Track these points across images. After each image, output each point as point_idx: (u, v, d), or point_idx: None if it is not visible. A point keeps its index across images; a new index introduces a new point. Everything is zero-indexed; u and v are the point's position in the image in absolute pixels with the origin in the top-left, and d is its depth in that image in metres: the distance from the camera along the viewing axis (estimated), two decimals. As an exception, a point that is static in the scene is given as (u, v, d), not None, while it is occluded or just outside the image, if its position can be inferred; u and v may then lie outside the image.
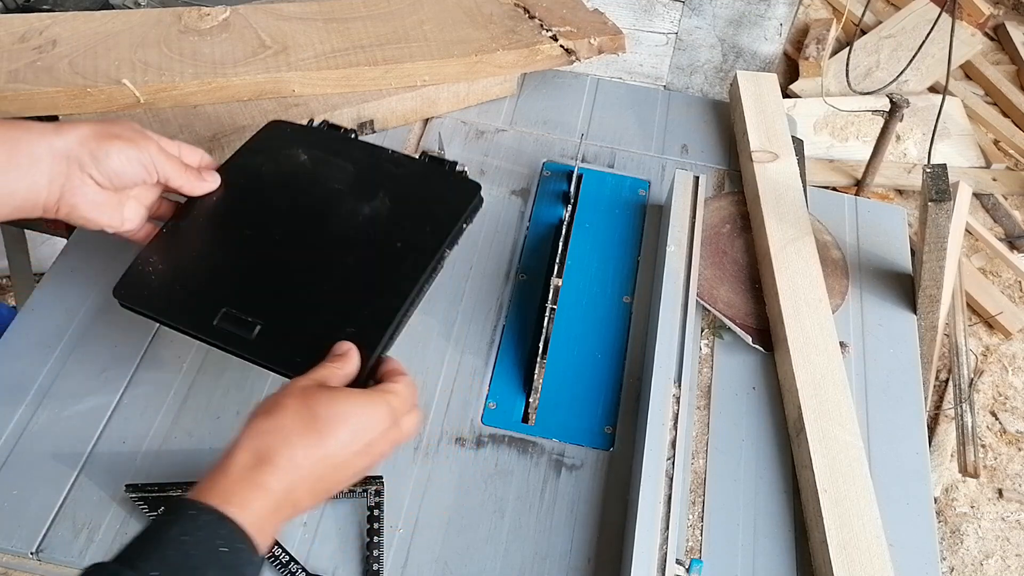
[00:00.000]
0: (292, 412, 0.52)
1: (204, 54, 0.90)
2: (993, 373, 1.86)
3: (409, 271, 0.66)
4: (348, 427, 0.53)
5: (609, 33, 0.99)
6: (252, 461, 0.50)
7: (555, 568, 0.67)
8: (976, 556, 1.60)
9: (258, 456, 0.51)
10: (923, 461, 0.74)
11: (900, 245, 0.91)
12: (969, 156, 2.24)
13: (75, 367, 0.74)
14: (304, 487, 0.52)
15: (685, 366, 0.73)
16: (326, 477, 0.53)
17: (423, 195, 0.70)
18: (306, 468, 0.51)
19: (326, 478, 0.53)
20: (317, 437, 0.52)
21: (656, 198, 0.93)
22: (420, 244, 0.67)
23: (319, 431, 0.52)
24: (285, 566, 0.64)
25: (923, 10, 2.47)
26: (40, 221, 1.01)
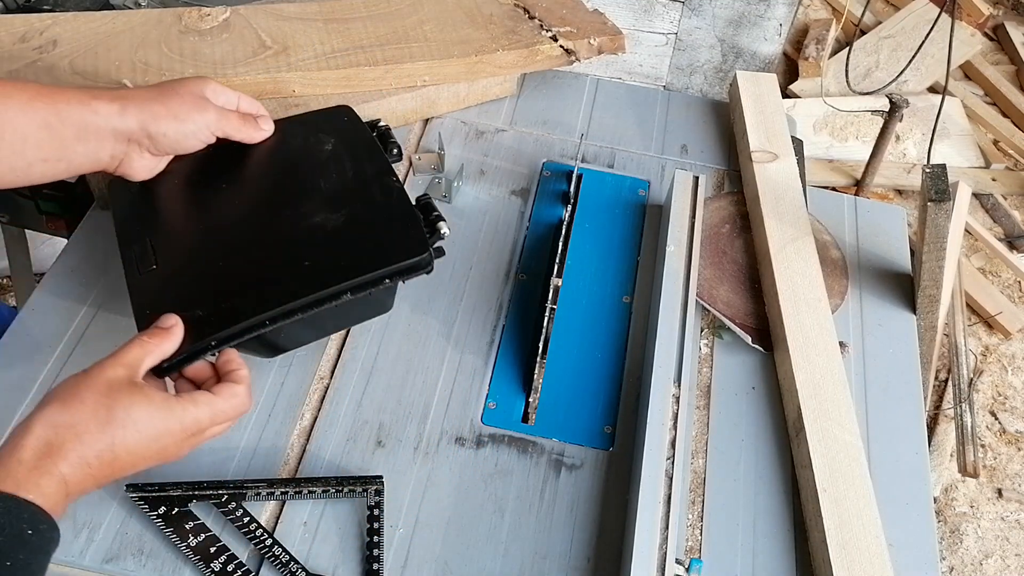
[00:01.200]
0: (89, 409, 0.53)
1: (204, 54, 0.90)
2: (992, 373, 1.86)
3: (292, 289, 0.63)
4: (142, 436, 0.54)
5: (609, 33, 0.99)
6: (44, 450, 0.51)
7: (555, 568, 0.67)
8: (976, 556, 1.60)
9: (48, 446, 0.51)
10: (923, 461, 0.74)
11: (900, 245, 0.91)
12: (969, 156, 2.25)
13: (75, 367, 0.74)
14: (92, 481, 0.53)
15: (685, 366, 0.73)
16: (115, 472, 0.54)
17: (379, 234, 0.67)
18: (95, 466, 0.52)
19: (115, 472, 0.54)
20: (109, 441, 0.53)
21: (656, 198, 0.93)
22: (326, 273, 0.64)
23: (112, 435, 0.53)
24: (285, 566, 0.64)
25: (922, 10, 2.47)
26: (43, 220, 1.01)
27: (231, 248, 0.68)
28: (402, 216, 0.68)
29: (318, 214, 0.68)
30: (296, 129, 0.76)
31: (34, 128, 0.61)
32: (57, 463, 0.51)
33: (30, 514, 0.48)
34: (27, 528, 0.48)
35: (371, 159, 0.72)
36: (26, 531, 0.48)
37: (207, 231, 0.69)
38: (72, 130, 0.63)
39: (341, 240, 0.66)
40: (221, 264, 0.66)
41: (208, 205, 0.71)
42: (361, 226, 0.67)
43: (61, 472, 0.51)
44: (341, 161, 0.72)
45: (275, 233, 0.68)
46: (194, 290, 0.65)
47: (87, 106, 0.63)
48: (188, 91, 0.68)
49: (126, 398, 0.54)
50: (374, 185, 0.70)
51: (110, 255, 0.82)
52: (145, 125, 0.65)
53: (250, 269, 0.66)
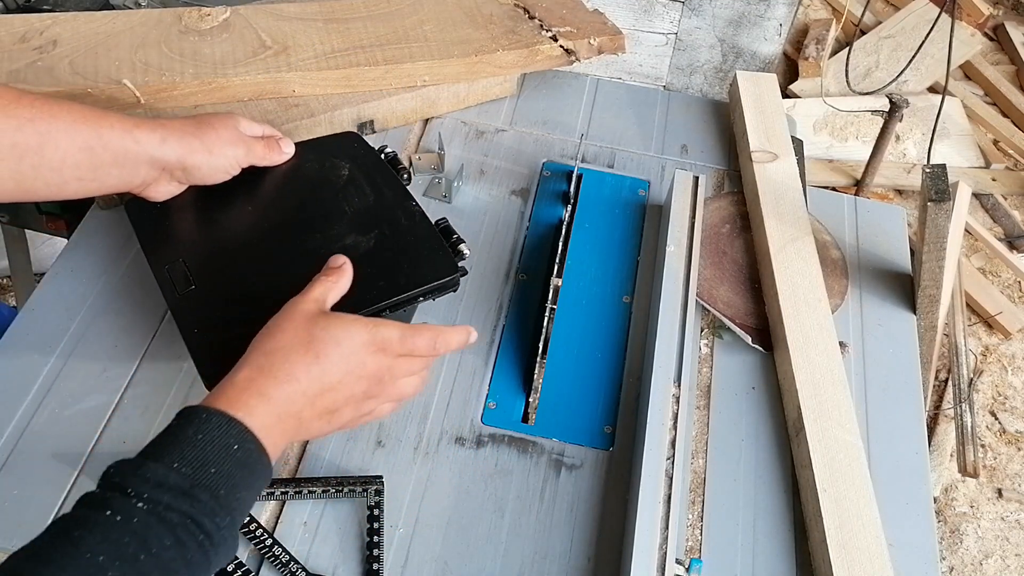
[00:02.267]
0: (291, 333, 0.57)
1: (204, 54, 0.90)
2: (992, 373, 1.86)
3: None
4: (340, 348, 0.57)
5: (609, 33, 0.99)
6: (254, 374, 0.55)
7: (555, 567, 0.67)
8: (976, 556, 1.60)
9: (259, 369, 0.55)
10: (923, 461, 0.74)
11: (900, 245, 0.91)
12: (968, 156, 2.25)
13: (75, 367, 0.74)
14: (303, 400, 0.56)
15: (685, 366, 0.73)
16: (324, 395, 0.57)
17: (407, 254, 0.71)
18: (303, 381, 0.56)
19: (324, 395, 0.57)
20: (313, 355, 0.56)
21: (656, 198, 0.93)
22: (365, 292, 0.67)
23: (315, 350, 0.57)
24: (285, 566, 0.64)
25: (922, 10, 2.48)
26: (43, 220, 1.01)
27: (269, 268, 0.71)
28: (427, 238, 0.72)
29: (348, 236, 0.72)
30: (310, 154, 0.79)
31: (75, 150, 0.64)
32: (266, 384, 0.55)
33: (237, 431, 0.52)
34: (234, 444, 0.51)
35: (388, 184, 0.77)
36: (232, 445, 0.51)
37: (241, 251, 0.72)
38: (111, 155, 0.66)
39: (375, 261, 0.70)
40: (261, 284, 0.69)
41: (237, 226, 0.74)
42: (391, 248, 0.71)
43: (270, 394, 0.54)
44: (360, 186, 0.76)
45: (311, 254, 0.71)
46: (237, 310, 0.67)
47: (129, 133, 0.66)
48: (223, 125, 0.72)
49: (323, 320, 0.58)
50: (396, 209, 0.74)
51: (110, 255, 0.82)
52: (182, 158, 0.69)
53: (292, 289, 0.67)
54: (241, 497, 0.52)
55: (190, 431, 0.51)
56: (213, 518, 0.49)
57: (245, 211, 0.74)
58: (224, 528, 0.50)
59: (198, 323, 0.67)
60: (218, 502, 0.49)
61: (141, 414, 0.72)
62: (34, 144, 0.62)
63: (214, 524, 0.49)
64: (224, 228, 0.74)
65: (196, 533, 0.48)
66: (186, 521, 0.48)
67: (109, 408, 0.72)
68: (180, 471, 0.49)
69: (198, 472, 0.49)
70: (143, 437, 0.71)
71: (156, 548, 0.46)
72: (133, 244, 0.81)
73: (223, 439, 0.51)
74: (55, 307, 0.78)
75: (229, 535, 0.50)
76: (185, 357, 0.75)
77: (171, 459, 0.49)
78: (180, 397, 0.73)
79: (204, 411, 0.52)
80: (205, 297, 0.68)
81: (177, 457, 0.49)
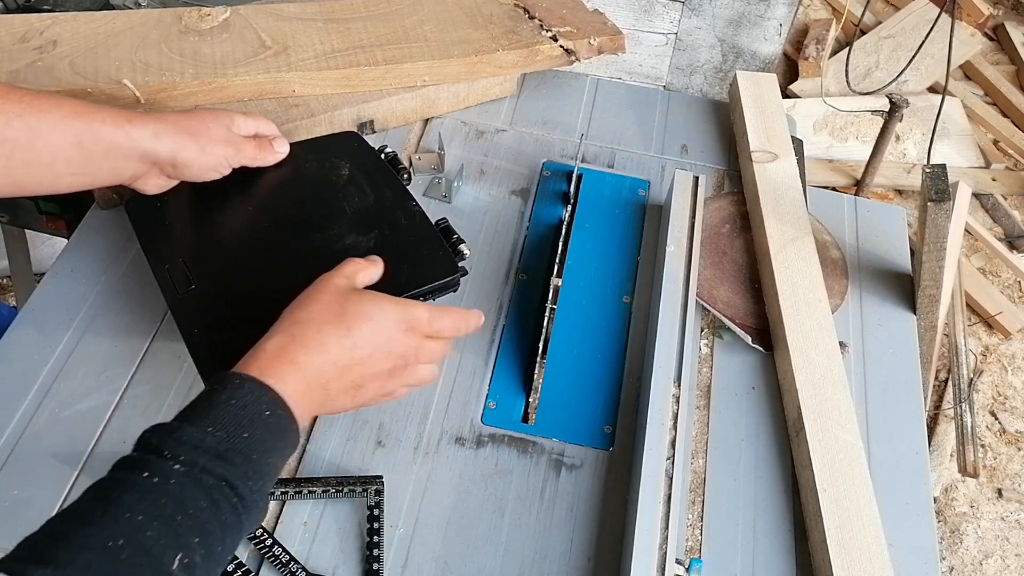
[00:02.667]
0: (324, 304, 0.58)
1: (204, 54, 0.90)
2: (992, 373, 1.86)
3: None
4: (372, 323, 0.58)
5: (609, 33, 0.99)
6: (286, 342, 0.56)
7: (555, 568, 0.67)
8: (976, 556, 1.60)
9: (291, 337, 0.56)
10: (923, 461, 0.74)
11: (900, 245, 0.91)
12: (969, 156, 2.25)
13: (75, 367, 0.74)
14: (332, 372, 0.57)
15: (685, 366, 0.73)
16: (353, 368, 0.58)
17: (407, 254, 0.71)
18: (333, 352, 0.57)
19: (353, 369, 0.58)
20: (345, 328, 0.57)
21: (656, 198, 0.93)
22: None
23: (347, 324, 0.57)
24: (285, 566, 0.64)
25: (922, 10, 2.48)
26: (43, 220, 1.01)
27: (270, 267, 0.71)
28: (428, 239, 0.73)
29: (349, 236, 0.72)
30: (310, 153, 0.79)
31: (66, 144, 0.64)
32: (297, 352, 0.56)
33: (269, 397, 0.53)
34: (266, 410, 0.52)
35: (388, 184, 0.77)
36: (264, 411, 0.52)
37: (241, 251, 0.72)
38: (103, 149, 0.66)
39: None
40: (261, 283, 0.69)
41: (237, 225, 0.74)
42: (392, 248, 0.71)
43: (301, 362, 0.55)
44: (360, 186, 0.76)
45: (311, 253, 0.71)
46: (237, 309, 0.68)
47: (121, 128, 0.66)
48: (216, 123, 0.71)
49: (355, 296, 0.60)
50: (396, 209, 0.74)
51: (110, 255, 0.82)
52: (173, 154, 0.69)
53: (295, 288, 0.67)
54: (271, 463, 0.53)
55: (224, 396, 0.52)
56: (246, 481, 0.50)
57: (245, 211, 0.74)
58: (256, 492, 0.51)
59: (198, 323, 0.67)
60: (251, 466, 0.50)
61: (141, 414, 0.72)
62: (24, 140, 0.62)
63: (247, 487, 0.50)
64: (224, 228, 0.74)
65: (230, 496, 0.49)
66: (220, 484, 0.49)
67: (109, 408, 0.72)
68: (215, 435, 0.50)
69: (232, 436, 0.50)
70: (143, 437, 0.71)
71: (192, 509, 0.47)
72: (133, 244, 0.81)
73: (256, 405, 0.52)
74: (55, 307, 0.78)
75: (261, 499, 0.51)
76: (185, 357, 0.75)
77: (206, 423, 0.50)
78: (180, 397, 0.73)
79: (237, 377, 0.53)
80: (205, 297, 0.68)
81: (211, 421, 0.50)
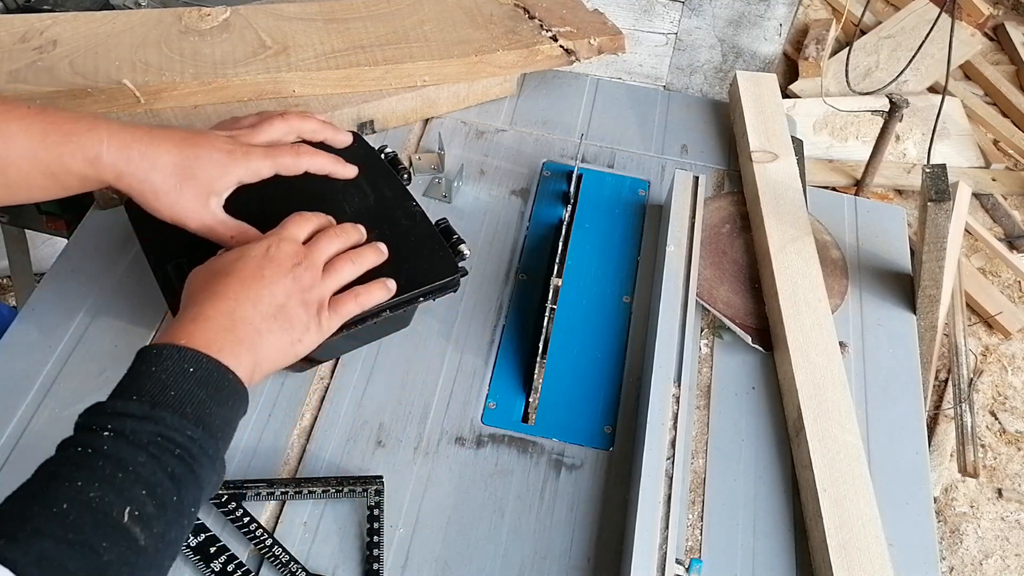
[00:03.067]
0: (199, 279, 0.61)
1: (204, 54, 0.90)
2: (992, 373, 1.86)
3: None
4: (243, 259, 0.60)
5: (609, 33, 0.99)
6: (182, 312, 0.58)
7: (555, 567, 0.67)
8: (975, 556, 1.60)
9: (184, 307, 0.59)
10: (923, 461, 0.74)
11: (900, 245, 0.91)
12: (969, 156, 2.25)
13: (75, 367, 0.74)
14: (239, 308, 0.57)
15: (685, 366, 0.73)
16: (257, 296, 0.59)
17: (407, 254, 0.71)
18: (226, 293, 0.58)
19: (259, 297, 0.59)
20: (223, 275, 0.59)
21: (656, 198, 0.93)
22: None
23: (223, 272, 0.60)
24: (285, 566, 0.64)
25: (922, 10, 2.48)
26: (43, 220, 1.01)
27: None
28: (428, 239, 0.72)
29: None
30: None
31: (37, 174, 0.63)
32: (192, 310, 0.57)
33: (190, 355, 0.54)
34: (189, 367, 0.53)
35: (388, 184, 0.76)
36: (188, 369, 0.53)
37: None
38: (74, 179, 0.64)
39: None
40: None
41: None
42: (392, 249, 0.70)
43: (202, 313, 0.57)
44: (360, 186, 0.76)
45: None
46: None
47: (90, 164, 0.63)
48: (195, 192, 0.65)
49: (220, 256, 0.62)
50: (397, 210, 0.74)
51: (110, 255, 0.82)
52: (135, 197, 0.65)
53: None
54: (212, 413, 0.53)
55: (143, 367, 0.53)
56: (184, 432, 0.50)
57: (245, 211, 0.74)
58: (200, 441, 0.51)
59: None
60: (185, 418, 0.51)
61: (141, 414, 0.72)
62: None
63: (186, 437, 0.50)
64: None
65: (171, 447, 0.50)
66: (156, 439, 0.49)
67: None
68: (139, 400, 0.51)
69: (157, 397, 0.51)
70: (143, 437, 0.71)
71: (132, 466, 0.48)
72: (133, 244, 0.81)
73: (176, 365, 0.53)
74: (55, 307, 0.78)
75: (211, 448, 0.52)
76: (185, 357, 0.75)
77: (129, 393, 0.52)
78: (180, 397, 0.73)
79: (154, 347, 0.54)
80: None
81: (135, 390, 0.52)
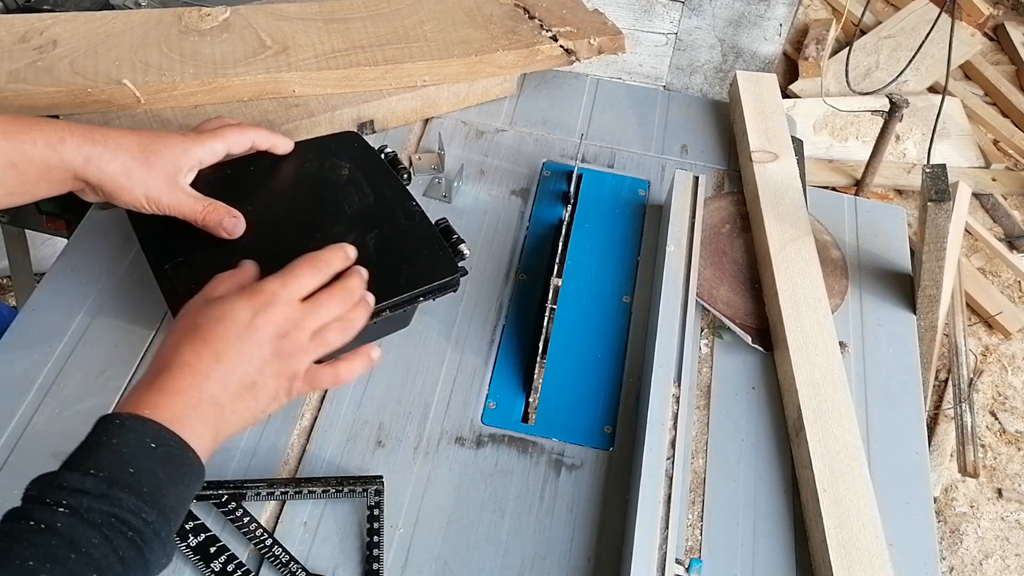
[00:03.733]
0: (179, 330, 0.57)
1: (204, 54, 0.90)
2: (992, 373, 1.86)
3: None
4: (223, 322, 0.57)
5: (609, 33, 0.99)
6: (151, 376, 0.55)
7: (555, 567, 0.67)
8: (975, 556, 1.60)
9: (155, 371, 0.55)
10: (923, 461, 0.74)
11: (900, 245, 0.91)
12: (969, 156, 2.25)
13: (75, 367, 0.74)
14: (209, 384, 0.55)
15: (685, 366, 0.73)
16: (230, 372, 0.56)
17: (407, 254, 0.71)
18: (197, 365, 0.55)
19: (231, 373, 0.56)
20: (200, 340, 0.56)
21: (656, 198, 0.93)
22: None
23: (201, 335, 0.56)
24: (285, 566, 0.64)
25: (922, 10, 2.48)
26: (43, 220, 1.01)
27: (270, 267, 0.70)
28: (428, 239, 0.72)
29: (348, 236, 0.71)
30: (310, 153, 0.79)
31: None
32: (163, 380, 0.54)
33: (152, 429, 0.51)
34: (151, 443, 0.51)
35: (388, 184, 0.76)
36: (149, 444, 0.51)
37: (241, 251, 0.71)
38: (36, 171, 0.63)
39: (376, 262, 0.69)
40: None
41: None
42: (392, 248, 0.71)
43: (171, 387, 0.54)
44: (360, 186, 0.76)
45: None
46: None
47: (54, 150, 0.63)
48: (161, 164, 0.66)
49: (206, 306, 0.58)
50: (396, 209, 0.74)
51: (110, 255, 0.82)
52: (102, 183, 0.65)
53: None
54: (168, 493, 0.51)
55: (104, 437, 0.51)
56: (139, 514, 0.48)
57: (245, 210, 0.74)
58: (153, 524, 0.49)
59: None
60: (142, 499, 0.49)
61: (141, 414, 0.72)
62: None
63: (140, 520, 0.48)
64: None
65: (124, 530, 0.48)
66: (110, 520, 0.47)
67: (109, 408, 0.72)
68: (97, 476, 0.48)
69: (116, 474, 0.49)
70: (143, 437, 0.71)
71: (85, 547, 0.46)
72: (133, 244, 0.81)
73: (138, 440, 0.51)
74: (55, 307, 0.78)
75: (163, 530, 0.50)
76: (185, 357, 0.75)
77: (87, 466, 0.49)
78: (180, 397, 0.73)
79: (117, 416, 0.52)
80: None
81: (93, 464, 0.49)
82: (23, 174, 0.63)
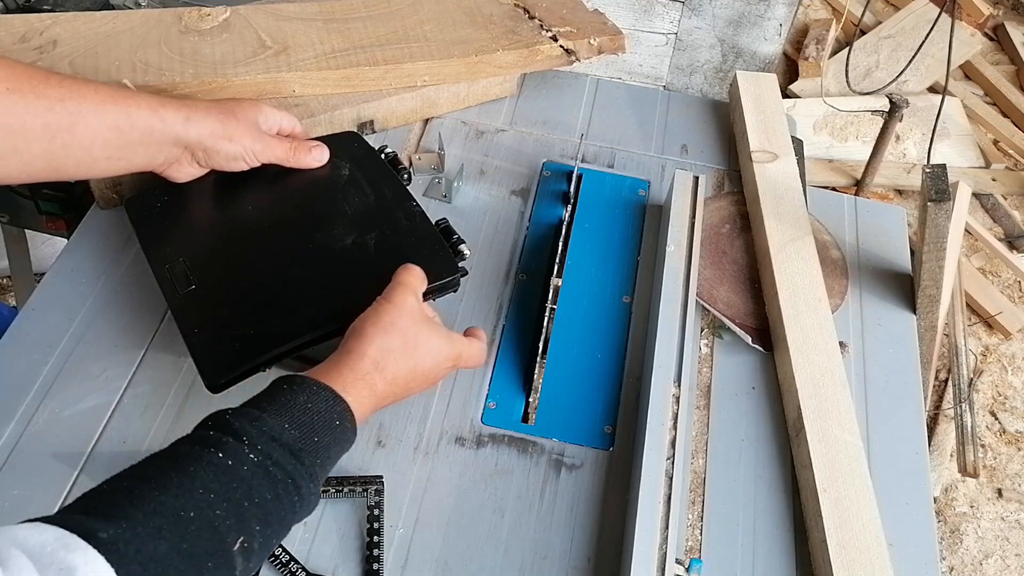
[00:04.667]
0: (403, 335, 0.63)
1: (204, 54, 0.90)
2: (992, 373, 1.86)
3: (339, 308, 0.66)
4: (433, 358, 0.65)
5: (609, 33, 0.99)
6: (371, 368, 0.61)
7: (555, 568, 0.67)
8: (975, 556, 1.60)
9: (375, 365, 0.61)
10: (923, 461, 0.74)
11: (900, 245, 0.91)
12: (969, 156, 2.25)
13: (75, 367, 0.74)
14: (393, 390, 0.63)
15: (685, 366, 0.73)
16: (407, 387, 0.64)
17: (407, 254, 0.71)
18: (400, 380, 0.63)
19: (407, 388, 0.64)
20: (414, 363, 0.63)
21: (656, 198, 0.93)
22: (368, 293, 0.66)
23: (416, 358, 0.63)
24: (285, 566, 0.64)
25: (922, 10, 2.48)
26: (43, 220, 1.01)
27: (271, 267, 0.71)
28: (428, 239, 0.73)
29: (349, 236, 0.72)
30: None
31: (104, 128, 0.66)
32: (377, 379, 0.61)
33: (341, 410, 0.57)
34: (337, 420, 0.56)
35: (388, 184, 0.77)
36: (335, 421, 0.56)
37: (241, 251, 0.72)
38: (138, 134, 0.68)
39: (377, 261, 0.70)
40: (261, 283, 0.69)
41: (237, 224, 0.74)
42: (393, 249, 0.71)
43: (377, 388, 0.61)
44: (360, 186, 0.76)
45: (313, 254, 0.71)
46: (239, 309, 0.68)
47: (155, 112, 0.68)
48: (244, 116, 0.74)
49: (426, 330, 0.65)
50: (396, 210, 0.75)
51: (110, 255, 0.82)
52: (203, 139, 0.71)
53: (295, 288, 0.68)
54: (327, 469, 0.56)
55: (302, 398, 0.55)
56: (308, 482, 0.53)
57: (245, 210, 0.74)
58: (313, 494, 0.54)
59: (199, 323, 0.67)
60: (316, 467, 0.54)
61: (141, 414, 0.72)
62: (65, 124, 0.64)
63: (308, 488, 0.53)
64: (224, 227, 0.74)
65: (292, 493, 0.52)
66: (287, 480, 0.51)
67: (109, 408, 0.72)
68: (291, 432, 0.53)
69: (306, 437, 0.53)
70: (143, 437, 0.71)
71: (259, 499, 0.50)
72: (133, 244, 0.81)
73: (329, 413, 0.56)
74: (55, 307, 0.78)
75: (315, 500, 0.55)
76: (185, 357, 0.75)
77: (285, 419, 0.53)
78: (180, 397, 0.73)
79: (316, 383, 0.56)
80: (206, 297, 0.68)
81: (289, 419, 0.53)
82: (125, 137, 0.67)
